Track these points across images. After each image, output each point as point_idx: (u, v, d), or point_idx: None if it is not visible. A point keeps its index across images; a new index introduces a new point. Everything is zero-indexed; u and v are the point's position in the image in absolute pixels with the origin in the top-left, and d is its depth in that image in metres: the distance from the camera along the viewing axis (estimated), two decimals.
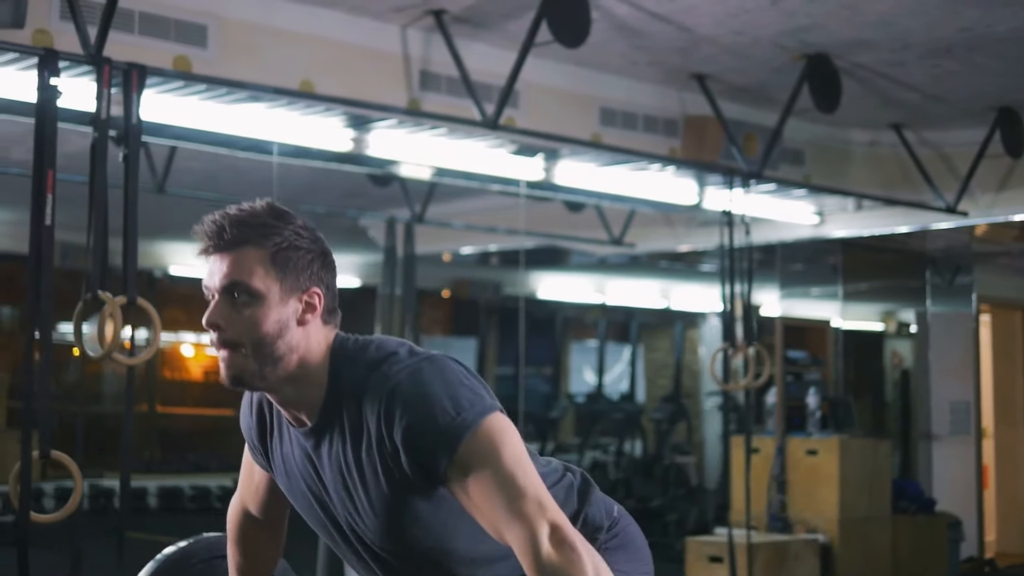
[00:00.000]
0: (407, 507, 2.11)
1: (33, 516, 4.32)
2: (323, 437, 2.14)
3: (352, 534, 2.22)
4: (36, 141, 4.37)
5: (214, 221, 2.09)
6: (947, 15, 5.72)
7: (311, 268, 2.11)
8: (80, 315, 4.44)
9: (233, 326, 2.07)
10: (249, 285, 2.06)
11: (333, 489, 2.18)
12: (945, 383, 10.04)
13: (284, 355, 2.08)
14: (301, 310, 2.10)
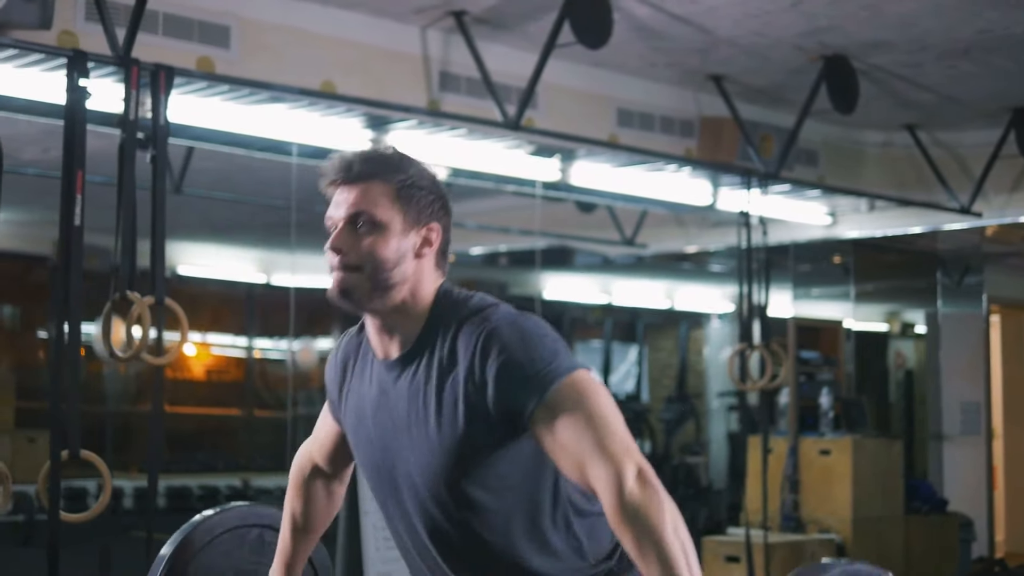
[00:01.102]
0: (472, 451, 2.16)
1: (63, 516, 4.34)
2: (408, 367, 2.23)
3: (408, 485, 2.26)
4: (65, 142, 4.39)
5: (343, 157, 2.23)
6: (966, 16, 5.74)
7: (432, 207, 2.24)
8: (108, 315, 4.46)
9: (355, 251, 2.19)
10: (374, 215, 2.19)
11: (404, 425, 2.23)
12: (955, 383, 10.06)
13: (397, 283, 2.20)
14: (419, 244, 2.23)
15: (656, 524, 1.94)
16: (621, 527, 1.96)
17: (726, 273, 11.60)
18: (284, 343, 13.23)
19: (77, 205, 4.36)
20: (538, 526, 2.22)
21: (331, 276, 2.21)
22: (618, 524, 1.97)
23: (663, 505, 1.97)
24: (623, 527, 1.96)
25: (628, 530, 1.95)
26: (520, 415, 2.09)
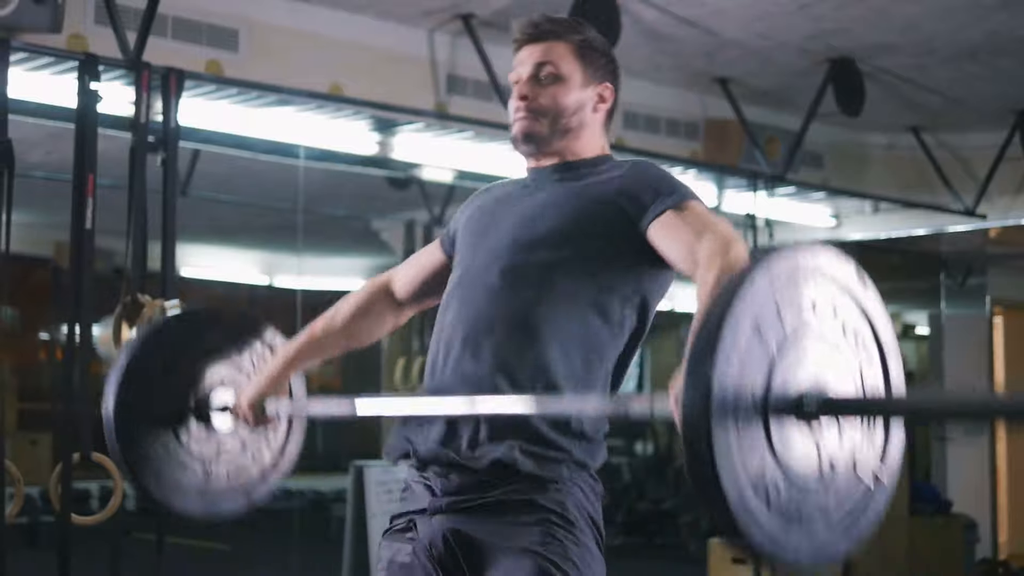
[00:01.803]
0: (584, 239, 2.32)
1: (75, 518, 4.34)
2: (563, 172, 2.43)
3: (502, 251, 2.36)
4: (76, 145, 4.39)
5: (529, 19, 2.46)
6: (974, 19, 5.75)
7: (607, 68, 2.48)
8: (120, 318, 4.47)
9: (539, 98, 2.41)
10: (558, 66, 2.41)
11: (539, 205, 2.39)
12: (959, 385, 10.05)
13: (574, 128, 2.42)
14: (595, 100, 2.45)
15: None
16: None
17: None
18: None
19: (88, 208, 4.36)
20: (573, 358, 2.29)
21: (514, 123, 2.42)
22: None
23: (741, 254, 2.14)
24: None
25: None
26: (645, 208, 2.28)
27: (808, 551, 1.79)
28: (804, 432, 1.78)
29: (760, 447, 1.74)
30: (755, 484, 1.72)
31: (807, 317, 1.83)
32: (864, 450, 1.88)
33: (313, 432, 2.80)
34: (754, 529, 1.71)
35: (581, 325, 2.30)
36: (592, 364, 2.31)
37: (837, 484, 1.83)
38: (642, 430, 12.36)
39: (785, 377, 1.77)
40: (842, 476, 1.84)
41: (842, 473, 1.84)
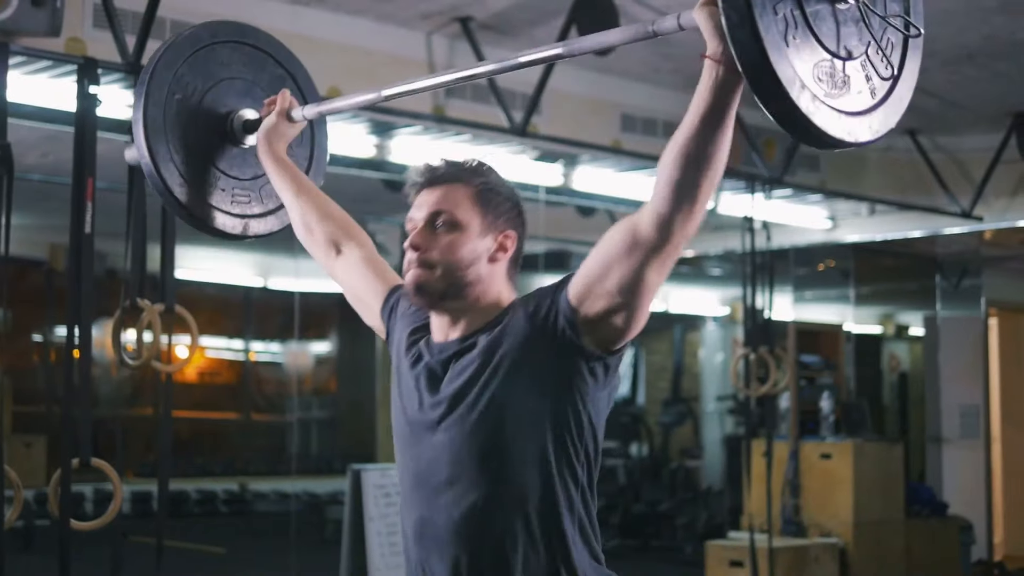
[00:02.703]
0: (513, 400, 2.17)
1: (73, 524, 4.33)
2: (467, 347, 2.25)
3: (438, 475, 2.23)
4: (76, 149, 4.37)
5: (428, 163, 2.32)
6: (974, 22, 5.76)
7: (509, 214, 2.31)
8: (119, 322, 4.45)
9: (433, 249, 2.25)
10: (454, 214, 2.25)
11: (449, 393, 2.23)
12: (954, 387, 10.07)
13: (471, 283, 2.25)
14: (494, 249, 2.28)
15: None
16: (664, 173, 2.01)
17: (722, 276, 11.62)
18: (283, 346, 13.24)
19: (87, 212, 4.35)
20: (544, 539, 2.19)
21: (407, 272, 2.27)
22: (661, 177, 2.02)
23: None
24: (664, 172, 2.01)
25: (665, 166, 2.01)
26: (564, 307, 2.14)
27: (878, 124, 1.95)
28: (839, 9, 1.91)
29: (807, 39, 1.85)
30: (815, 81, 1.85)
31: None
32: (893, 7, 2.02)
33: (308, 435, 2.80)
34: (812, 109, 1.83)
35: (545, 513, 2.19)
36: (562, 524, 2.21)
37: (879, 49, 1.98)
38: (636, 431, 12.37)
39: None
40: (883, 38, 1.99)
41: (883, 36, 1.99)
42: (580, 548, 2.21)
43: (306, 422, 13.05)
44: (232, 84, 2.87)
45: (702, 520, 10.53)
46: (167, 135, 2.73)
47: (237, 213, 2.84)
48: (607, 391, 2.23)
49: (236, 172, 2.85)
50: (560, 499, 2.18)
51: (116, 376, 10.99)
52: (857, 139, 1.95)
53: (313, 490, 11.46)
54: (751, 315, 6.89)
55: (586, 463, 2.23)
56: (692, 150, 1.97)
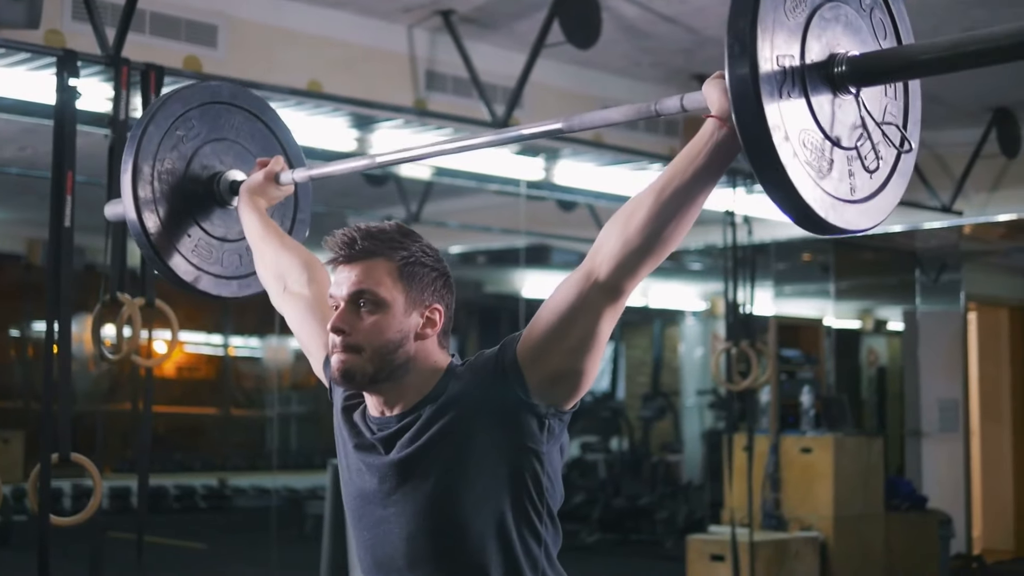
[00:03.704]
0: (467, 470, 2.10)
1: (53, 520, 4.30)
2: (407, 423, 2.17)
3: (393, 551, 2.19)
4: (55, 142, 4.35)
5: (345, 234, 2.17)
6: (953, 16, 5.77)
7: (434, 285, 2.19)
8: (99, 316, 4.43)
9: (357, 332, 2.13)
10: (376, 294, 2.13)
11: (398, 465, 2.15)
12: (933, 381, 10.11)
13: (401, 364, 2.14)
14: (422, 324, 2.17)
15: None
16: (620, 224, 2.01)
17: (702, 271, 11.64)
18: (262, 342, 13.20)
19: (67, 206, 4.32)
20: None
21: (333, 356, 2.16)
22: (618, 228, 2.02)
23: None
24: (621, 223, 2.01)
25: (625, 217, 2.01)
26: (514, 364, 2.09)
27: (854, 220, 1.96)
28: (838, 100, 1.96)
29: (803, 113, 1.90)
30: (805, 151, 1.89)
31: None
32: (891, 116, 2.08)
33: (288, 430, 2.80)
34: (808, 195, 1.88)
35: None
36: None
37: (871, 147, 2.02)
38: (616, 425, 12.37)
39: (813, 45, 1.93)
40: (876, 140, 2.03)
41: (876, 138, 2.03)
42: None
43: (286, 417, 13.01)
44: (222, 145, 2.89)
45: (683, 514, 10.54)
46: (154, 196, 2.76)
47: (211, 271, 2.86)
48: (560, 443, 2.16)
49: (217, 231, 2.87)
50: (523, 565, 2.13)
51: (94, 371, 10.94)
52: (849, 225, 1.97)
53: (293, 485, 11.44)
54: (732, 310, 6.89)
55: (548, 520, 2.16)
56: (676, 202, 1.97)
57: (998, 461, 10.43)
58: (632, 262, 2.01)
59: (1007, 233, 9.11)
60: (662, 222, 1.98)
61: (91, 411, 11.49)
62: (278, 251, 2.63)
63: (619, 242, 2.01)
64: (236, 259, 2.88)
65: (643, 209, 1.99)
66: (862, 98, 1.98)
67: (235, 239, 2.88)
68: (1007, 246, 9.78)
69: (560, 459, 2.18)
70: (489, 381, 2.10)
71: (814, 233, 1.96)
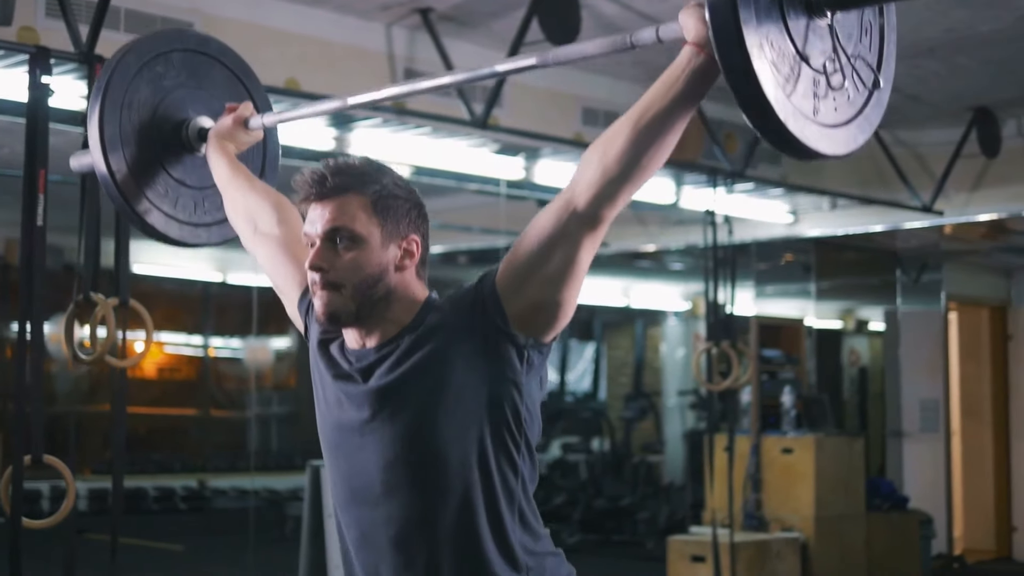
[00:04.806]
0: (446, 399, 2.10)
1: (25, 522, 4.25)
2: (386, 352, 2.17)
3: (369, 471, 2.18)
4: (28, 140, 4.29)
5: (315, 172, 2.15)
6: (935, 15, 5.75)
7: (409, 216, 2.19)
8: (72, 316, 4.38)
9: (336, 269, 2.14)
10: (352, 229, 2.13)
11: (376, 393, 2.16)
12: (914, 381, 10.11)
13: (381, 297, 2.15)
14: (400, 256, 2.17)
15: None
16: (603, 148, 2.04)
17: (683, 271, 11.62)
18: (242, 342, 13.14)
19: (40, 204, 4.26)
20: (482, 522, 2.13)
21: (315, 296, 2.16)
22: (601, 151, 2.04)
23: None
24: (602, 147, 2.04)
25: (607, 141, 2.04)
26: (493, 295, 2.10)
27: (814, 139, 1.97)
28: (813, 25, 1.97)
29: (779, 34, 1.91)
30: (781, 71, 1.91)
31: None
32: (863, 54, 2.08)
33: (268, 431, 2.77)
34: (787, 118, 1.90)
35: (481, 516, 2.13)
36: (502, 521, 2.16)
37: (841, 79, 2.03)
38: (598, 426, 12.35)
39: None
40: (847, 73, 2.03)
41: (847, 72, 2.03)
42: (519, 534, 2.15)
43: (266, 418, 12.96)
44: (189, 92, 2.87)
45: (664, 515, 10.53)
46: (122, 142, 2.74)
47: (182, 219, 2.86)
48: (539, 376, 2.17)
49: (187, 179, 2.86)
50: (500, 495, 2.13)
51: (74, 372, 10.87)
52: (817, 147, 2.00)
53: (273, 486, 11.38)
54: (713, 310, 6.87)
55: (527, 452, 2.17)
56: (654, 129, 1.99)
57: (979, 461, 10.43)
58: (611, 190, 2.03)
59: (988, 233, 9.11)
60: (640, 150, 2.00)
61: (71, 412, 11.41)
62: (247, 193, 2.62)
63: (598, 171, 2.02)
64: (214, 206, 2.86)
65: (621, 137, 2.00)
66: (836, 27, 1.99)
67: (202, 186, 2.86)
68: (988, 246, 9.78)
69: (539, 392, 2.18)
70: (468, 311, 2.11)
71: (775, 146, 1.99)
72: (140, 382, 12.68)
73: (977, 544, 10.30)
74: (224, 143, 2.74)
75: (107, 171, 2.72)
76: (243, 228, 2.60)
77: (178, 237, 2.85)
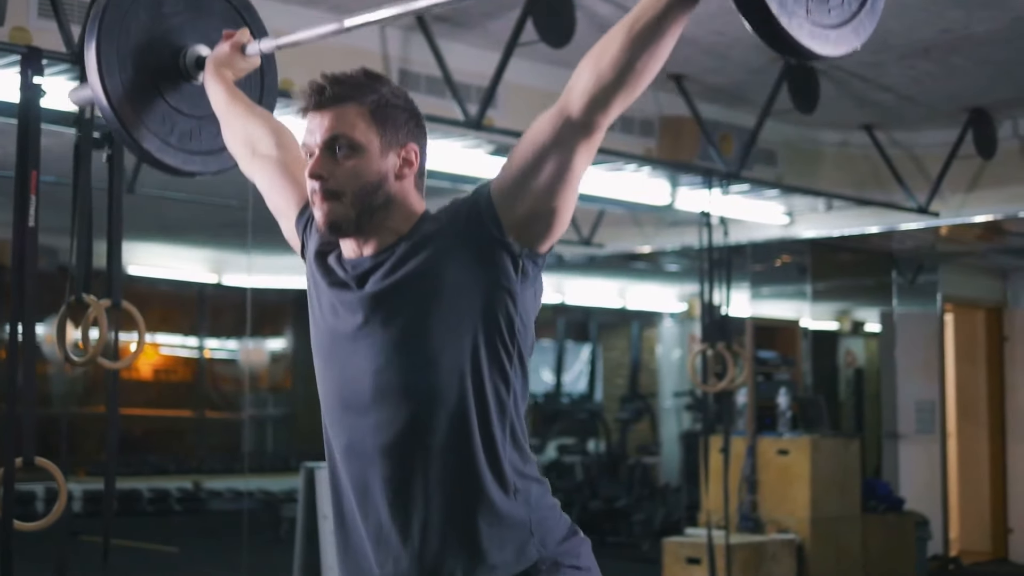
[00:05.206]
0: (440, 305, 2.12)
1: (16, 525, 4.23)
2: (382, 259, 2.18)
3: (363, 378, 2.17)
4: (19, 141, 4.26)
5: (313, 83, 2.21)
6: (930, 16, 5.74)
7: (408, 125, 2.21)
8: (63, 318, 4.36)
9: (336, 177, 2.16)
10: (351, 137, 2.16)
11: (370, 299, 2.17)
12: (910, 382, 10.10)
13: (381, 205, 2.17)
14: (399, 165, 2.20)
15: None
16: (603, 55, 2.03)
17: (679, 272, 11.61)
18: (238, 343, 13.13)
19: (31, 206, 4.25)
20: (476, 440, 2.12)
21: (315, 206, 2.18)
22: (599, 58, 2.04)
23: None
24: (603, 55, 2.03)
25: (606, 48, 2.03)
26: (488, 205, 2.11)
27: (822, 44, 2.01)
28: None
29: None
30: None
31: None
32: None
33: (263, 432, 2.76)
34: (780, 15, 1.93)
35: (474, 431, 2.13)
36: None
37: None
38: (594, 427, 12.34)
39: None
40: None
41: None
42: (510, 451, 2.15)
43: (261, 419, 12.95)
44: (187, 21, 2.90)
45: (659, 517, 10.52)
46: (119, 67, 2.76)
47: (177, 146, 2.88)
48: (534, 289, 2.18)
49: (184, 107, 2.88)
50: (491, 407, 2.13)
51: (70, 374, 10.86)
52: (810, 46, 2.03)
53: (268, 488, 11.37)
54: (708, 311, 6.85)
55: (519, 365, 2.17)
56: (648, 35, 1.99)
57: (975, 462, 10.42)
58: (605, 96, 2.03)
59: (983, 234, 9.10)
60: (634, 55, 2.00)
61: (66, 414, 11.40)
62: (246, 118, 2.63)
63: (592, 77, 2.03)
64: (210, 135, 2.88)
65: (615, 44, 2.01)
66: None
67: (199, 115, 2.88)
68: (983, 247, 9.78)
69: (534, 305, 2.20)
70: (464, 220, 2.13)
71: (771, 44, 2.02)
72: (136, 384, 12.67)
73: (973, 546, 10.29)
74: (222, 70, 2.76)
75: (103, 93, 2.73)
76: (242, 152, 2.62)
77: (173, 163, 2.87)
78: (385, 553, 2.17)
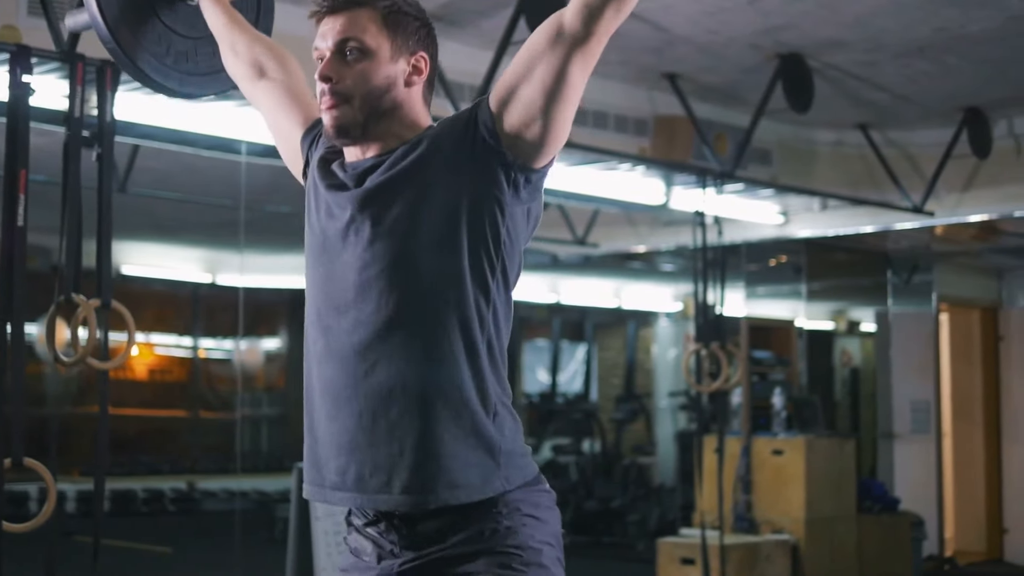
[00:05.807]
0: (429, 207, 2.13)
1: (6, 526, 4.20)
2: (385, 156, 2.19)
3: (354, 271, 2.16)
4: (8, 140, 4.25)
5: None
6: (925, 15, 5.72)
7: (418, 34, 2.23)
8: (53, 318, 4.34)
9: (345, 79, 2.17)
10: (362, 40, 2.17)
11: (361, 196, 2.18)
12: (905, 382, 10.09)
13: (388, 110, 2.19)
14: (409, 72, 2.21)
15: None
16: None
17: (674, 272, 11.59)
18: (232, 343, 13.10)
19: (20, 205, 4.22)
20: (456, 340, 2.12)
21: (323, 111, 2.19)
22: None
23: None
24: None
25: None
26: (486, 114, 2.13)
27: None
28: None
29: None
30: None
31: None
32: None
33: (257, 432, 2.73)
34: None
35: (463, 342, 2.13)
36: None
37: None
38: (589, 427, 12.32)
39: None
40: None
41: None
42: (489, 371, 2.15)
43: (255, 419, 12.92)
44: None
45: (654, 517, 10.49)
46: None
47: (171, 66, 2.85)
48: (526, 207, 2.18)
49: (178, 26, 2.85)
50: (473, 317, 2.12)
51: (64, 374, 10.82)
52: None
53: (263, 488, 11.34)
54: (703, 311, 6.83)
55: (502, 281, 2.17)
56: None
57: (970, 463, 10.40)
58: (597, 5, 2.07)
59: (978, 234, 9.09)
60: None
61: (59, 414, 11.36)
62: (251, 41, 2.61)
63: None
64: (205, 56, 2.86)
65: None
66: None
67: (194, 36, 2.86)
68: (979, 247, 9.77)
69: (524, 228, 2.20)
70: (462, 127, 2.15)
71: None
72: (129, 384, 12.64)
73: (968, 546, 10.27)
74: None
75: (99, 13, 2.71)
76: (247, 73, 2.58)
77: (170, 84, 2.85)
78: (347, 458, 2.14)
